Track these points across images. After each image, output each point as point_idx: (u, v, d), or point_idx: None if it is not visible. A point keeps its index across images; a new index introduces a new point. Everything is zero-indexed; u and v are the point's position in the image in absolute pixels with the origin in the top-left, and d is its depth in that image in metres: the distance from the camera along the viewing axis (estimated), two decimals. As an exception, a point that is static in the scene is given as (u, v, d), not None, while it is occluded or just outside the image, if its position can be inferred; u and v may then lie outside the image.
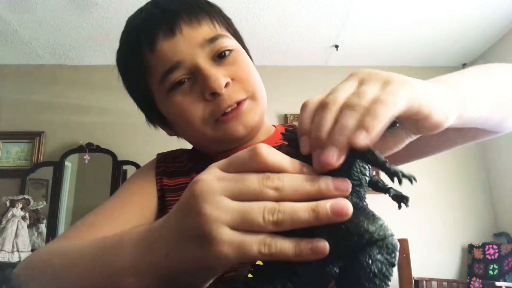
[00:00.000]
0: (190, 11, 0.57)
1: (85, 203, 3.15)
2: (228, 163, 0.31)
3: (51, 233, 2.96)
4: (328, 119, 0.30)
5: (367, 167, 0.32)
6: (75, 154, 3.16)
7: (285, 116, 3.21)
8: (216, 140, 0.59)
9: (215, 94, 0.55)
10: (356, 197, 0.31)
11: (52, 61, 3.35)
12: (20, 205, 2.75)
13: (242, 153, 0.31)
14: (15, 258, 2.54)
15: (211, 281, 0.32)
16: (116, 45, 0.64)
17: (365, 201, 0.32)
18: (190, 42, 0.55)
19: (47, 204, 3.00)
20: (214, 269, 0.30)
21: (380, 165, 0.29)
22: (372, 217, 0.30)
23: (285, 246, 0.28)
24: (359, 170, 0.32)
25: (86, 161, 3.10)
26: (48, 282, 0.41)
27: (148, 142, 3.16)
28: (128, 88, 0.66)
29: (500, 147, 3.10)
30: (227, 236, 0.28)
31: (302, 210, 0.28)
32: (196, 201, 0.29)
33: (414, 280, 2.58)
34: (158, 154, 0.70)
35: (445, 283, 2.72)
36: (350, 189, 0.29)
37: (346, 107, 0.30)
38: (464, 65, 3.47)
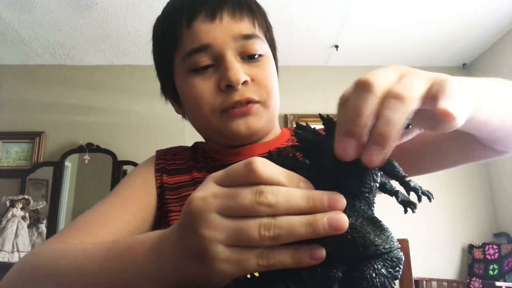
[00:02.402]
0: (237, 4, 0.59)
1: (85, 203, 3.14)
2: (224, 176, 0.31)
3: (51, 233, 2.95)
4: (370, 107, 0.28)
5: (379, 174, 0.32)
6: (75, 154, 3.16)
7: (285, 116, 3.21)
8: (219, 132, 0.60)
9: (230, 87, 0.56)
10: (365, 204, 0.31)
11: (52, 61, 3.35)
12: (20, 205, 2.75)
13: (238, 167, 0.30)
14: (15, 258, 2.54)
15: None
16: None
17: (373, 206, 0.32)
18: (225, 31, 0.57)
19: (47, 204, 3.00)
20: (217, 283, 0.31)
21: (399, 179, 0.29)
22: (379, 228, 0.30)
23: (283, 255, 0.29)
24: (372, 178, 0.31)
25: (86, 161, 3.10)
26: (52, 285, 0.40)
27: (148, 142, 3.17)
28: (155, 54, 0.68)
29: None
30: (224, 254, 0.29)
31: (299, 224, 0.28)
32: (192, 221, 0.30)
33: (414, 280, 2.57)
34: (157, 151, 0.70)
35: (445, 283, 2.72)
36: (344, 206, 0.29)
37: (393, 97, 0.28)
38: (464, 65, 3.47)
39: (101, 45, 3.10)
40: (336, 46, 3.13)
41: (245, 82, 0.56)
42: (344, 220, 0.28)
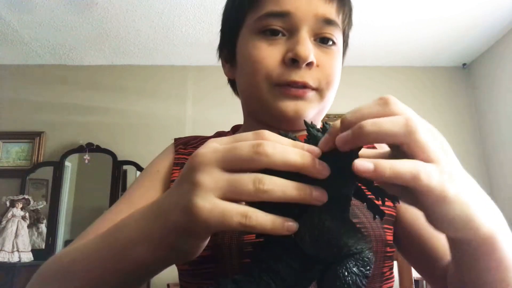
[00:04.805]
0: None
1: (85, 203, 3.15)
2: (231, 139, 0.33)
3: (51, 233, 2.96)
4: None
5: (354, 181, 0.34)
6: (75, 154, 3.16)
7: (285, 116, 3.21)
8: (265, 105, 0.56)
9: (294, 63, 0.53)
10: (342, 207, 0.33)
11: (52, 61, 3.35)
12: (20, 205, 2.75)
13: (246, 133, 0.32)
14: (15, 258, 2.54)
15: (203, 244, 0.35)
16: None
17: (348, 210, 0.34)
18: (311, 6, 0.54)
19: (47, 204, 3.00)
20: (199, 235, 0.32)
21: (371, 188, 0.33)
22: (353, 230, 0.32)
23: (265, 220, 0.30)
24: (349, 184, 0.33)
25: (86, 161, 3.10)
26: (65, 278, 0.41)
27: (148, 142, 3.17)
28: (227, 8, 0.65)
29: (501, 146, 3.10)
30: (211, 203, 0.30)
31: (291, 186, 0.30)
32: (190, 172, 0.31)
33: (414, 280, 2.57)
34: (176, 141, 0.66)
35: (445, 283, 2.72)
36: (327, 175, 0.30)
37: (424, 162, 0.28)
38: (464, 65, 3.47)
39: (101, 45, 3.10)
40: (336, 46, 3.13)
41: (310, 64, 0.53)
42: (325, 197, 0.31)
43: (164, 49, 3.19)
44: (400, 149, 0.29)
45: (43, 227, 2.94)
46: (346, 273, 0.30)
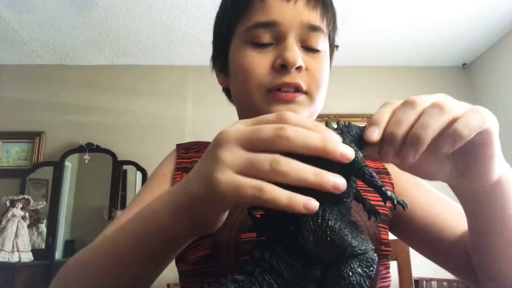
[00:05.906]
0: None
1: (85, 203, 3.15)
2: (254, 120, 0.34)
3: (51, 233, 2.96)
4: (412, 117, 0.33)
5: (356, 181, 0.34)
6: (75, 154, 3.16)
7: (285, 116, 3.21)
8: (258, 111, 0.57)
9: (284, 68, 0.55)
10: (344, 208, 0.33)
11: (52, 61, 3.35)
12: (20, 205, 2.75)
13: (270, 115, 0.34)
14: (15, 258, 2.54)
15: (222, 218, 0.37)
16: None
17: (350, 211, 0.34)
18: (296, 15, 0.56)
19: (47, 204, 3.00)
20: (217, 205, 0.34)
21: (377, 188, 0.32)
22: (356, 231, 0.32)
23: (280, 195, 0.29)
24: (351, 185, 0.34)
25: (86, 161, 3.10)
26: (93, 258, 0.44)
27: (148, 142, 3.17)
28: (218, 19, 0.67)
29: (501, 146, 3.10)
30: (228, 177, 0.31)
31: (308, 170, 0.30)
32: (214, 148, 0.33)
33: (414, 280, 2.57)
34: (178, 147, 0.68)
35: (445, 283, 2.72)
36: (352, 158, 0.30)
37: (434, 106, 0.33)
38: (464, 65, 3.47)
39: (101, 45, 3.10)
40: (336, 46, 3.13)
41: (299, 68, 0.56)
42: (344, 185, 0.30)
43: (164, 49, 3.19)
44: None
45: (43, 227, 2.94)
46: (350, 273, 0.31)
